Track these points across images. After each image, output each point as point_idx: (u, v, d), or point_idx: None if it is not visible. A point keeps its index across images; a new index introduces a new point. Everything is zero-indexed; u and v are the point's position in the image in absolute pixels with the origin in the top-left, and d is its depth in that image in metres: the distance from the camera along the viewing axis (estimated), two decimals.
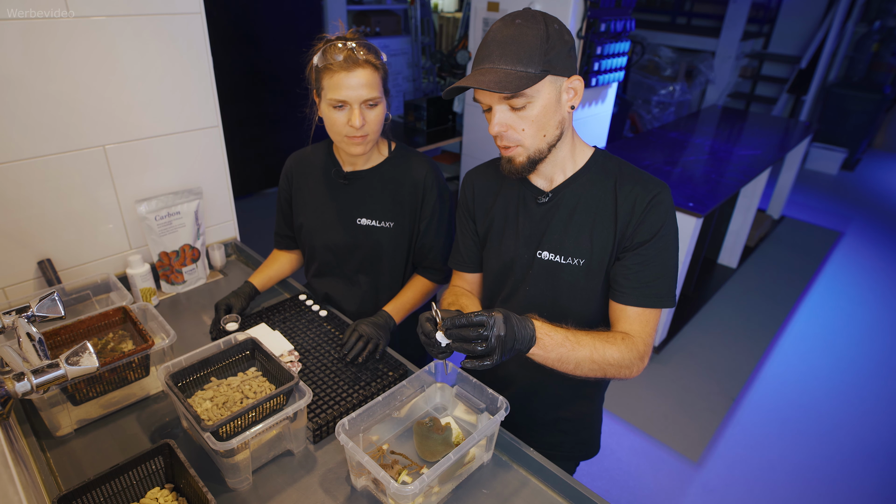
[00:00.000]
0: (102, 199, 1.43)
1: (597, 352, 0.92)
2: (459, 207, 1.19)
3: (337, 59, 1.11)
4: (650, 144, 3.42)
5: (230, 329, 1.25)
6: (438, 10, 5.98)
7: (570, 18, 2.71)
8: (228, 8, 3.76)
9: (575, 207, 1.00)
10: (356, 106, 1.14)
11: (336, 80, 1.12)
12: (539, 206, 1.03)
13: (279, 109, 4.32)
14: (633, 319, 0.98)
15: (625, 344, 0.95)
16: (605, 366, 0.93)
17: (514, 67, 0.86)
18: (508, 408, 0.98)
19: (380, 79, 1.17)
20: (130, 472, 0.86)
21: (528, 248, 1.05)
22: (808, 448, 2.36)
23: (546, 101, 0.90)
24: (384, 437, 1.04)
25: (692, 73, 6.17)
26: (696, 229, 2.49)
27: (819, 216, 4.72)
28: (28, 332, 0.82)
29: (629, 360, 0.95)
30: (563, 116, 0.94)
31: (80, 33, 1.26)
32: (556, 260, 1.02)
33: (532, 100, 0.89)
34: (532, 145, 0.94)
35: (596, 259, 0.99)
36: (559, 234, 1.01)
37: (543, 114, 0.91)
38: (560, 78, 0.90)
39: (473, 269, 1.20)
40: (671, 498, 2.10)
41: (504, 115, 0.91)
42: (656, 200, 0.95)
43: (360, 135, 1.17)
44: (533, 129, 0.92)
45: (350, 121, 1.15)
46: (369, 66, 1.13)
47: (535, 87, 0.88)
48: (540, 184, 1.04)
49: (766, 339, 3.08)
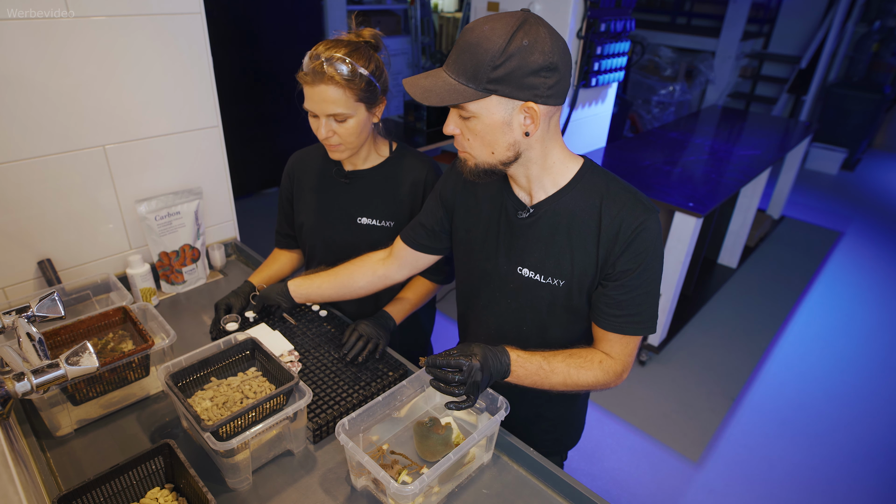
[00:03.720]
0: (102, 199, 1.43)
1: (570, 378, 0.96)
2: (433, 192, 1.15)
3: (308, 70, 1.11)
4: (650, 144, 3.42)
5: (230, 329, 1.25)
6: (438, 10, 5.98)
7: (570, 18, 2.70)
8: (228, 8, 3.76)
9: (557, 226, 0.96)
10: (322, 118, 1.15)
11: (306, 91, 1.14)
12: (521, 220, 1.00)
13: (279, 109, 4.32)
14: (613, 343, 0.99)
15: (601, 367, 0.97)
16: (578, 387, 0.98)
17: (458, 78, 0.82)
18: (508, 408, 0.98)
19: (350, 94, 1.12)
20: (130, 472, 0.86)
21: (510, 262, 1.03)
22: (808, 448, 2.36)
23: (491, 122, 0.84)
24: (384, 437, 1.04)
25: (692, 73, 6.17)
26: (696, 229, 2.49)
27: (819, 216, 4.72)
28: (28, 332, 0.82)
29: (604, 381, 0.98)
30: (515, 139, 0.87)
31: (80, 33, 1.26)
32: (535, 279, 1.00)
33: (476, 115, 0.84)
34: (479, 156, 0.90)
35: (576, 281, 0.97)
36: (540, 254, 0.99)
37: (489, 132, 0.86)
38: (511, 100, 0.83)
39: (419, 249, 1.16)
40: (671, 498, 2.09)
41: (454, 119, 0.89)
42: (642, 228, 0.90)
43: (331, 144, 1.19)
44: (478, 142, 0.88)
45: (319, 129, 1.17)
46: (333, 83, 1.10)
47: (479, 104, 0.83)
48: (521, 196, 1.00)
49: (765, 339, 3.08)
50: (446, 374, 0.88)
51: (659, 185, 2.68)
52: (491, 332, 1.12)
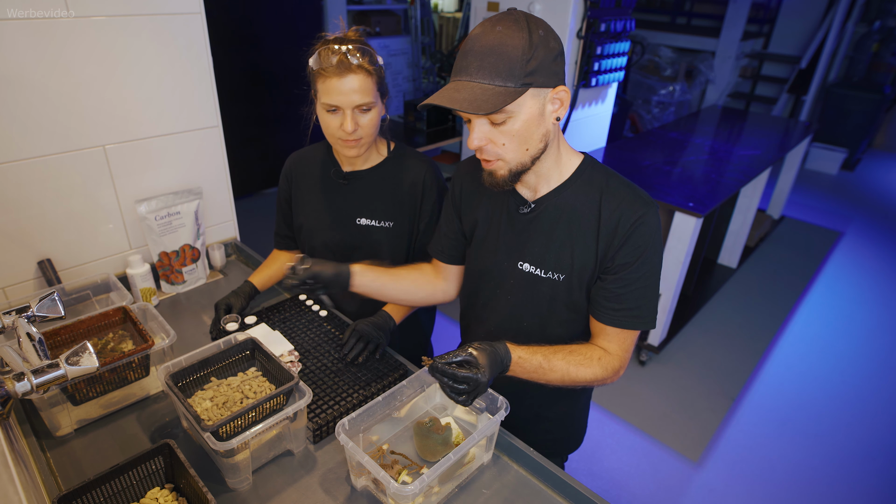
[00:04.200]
0: (102, 199, 1.43)
1: (568, 375, 0.96)
2: (447, 198, 1.17)
3: (330, 64, 1.11)
4: (650, 144, 3.42)
5: (230, 329, 1.25)
6: (438, 10, 5.99)
7: (570, 18, 2.70)
8: (228, 8, 3.76)
9: (557, 220, 0.98)
10: (348, 111, 1.14)
11: (329, 85, 1.12)
12: (522, 215, 1.01)
13: (279, 109, 4.32)
14: (611, 338, 0.99)
15: (600, 364, 0.97)
16: (576, 383, 0.98)
17: (492, 82, 0.81)
18: (508, 408, 0.98)
19: (373, 83, 1.15)
20: (130, 472, 0.86)
21: (510, 257, 1.03)
22: (808, 448, 2.36)
23: (528, 116, 0.85)
24: (384, 437, 1.04)
25: (692, 73, 6.17)
26: (696, 229, 2.49)
27: (819, 216, 4.72)
28: (28, 332, 0.82)
29: (602, 377, 0.98)
30: (547, 129, 0.89)
31: (80, 33, 1.26)
32: (536, 273, 1.01)
33: (513, 115, 0.84)
34: (514, 159, 0.89)
35: (576, 275, 0.98)
36: (540, 248, 0.99)
37: (525, 128, 0.86)
38: (544, 89, 0.85)
39: (451, 261, 1.18)
40: (671, 498, 2.09)
41: (483, 129, 0.87)
42: (640, 222, 0.91)
43: (353, 138, 1.18)
44: (514, 143, 0.87)
45: (342, 125, 1.15)
46: (362, 71, 1.12)
47: (516, 102, 0.83)
48: (524, 192, 1.01)
49: (766, 339, 3.08)
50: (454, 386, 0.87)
51: (659, 185, 2.68)
52: (491, 330, 1.12)
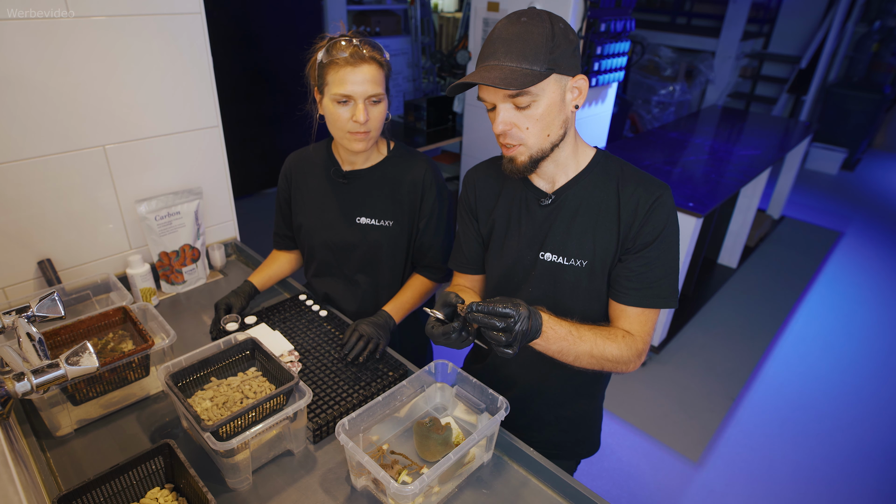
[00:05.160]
0: (102, 199, 1.43)
1: (597, 348, 0.95)
2: (461, 207, 1.19)
3: (343, 55, 1.12)
4: (650, 144, 3.42)
5: (230, 329, 1.25)
6: (438, 10, 5.98)
7: (570, 18, 2.70)
8: (228, 8, 3.76)
9: (577, 209, 1.00)
10: (360, 101, 1.15)
11: (341, 75, 1.13)
12: (542, 207, 1.03)
13: (279, 109, 4.32)
14: (633, 319, 1.00)
15: (625, 342, 0.97)
16: (602, 361, 0.96)
17: (520, 65, 0.86)
18: (508, 408, 0.98)
19: (384, 76, 1.18)
20: (130, 472, 0.86)
21: (531, 249, 1.05)
22: (808, 448, 2.36)
23: (551, 100, 0.90)
24: (384, 437, 1.04)
25: (692, 73, 6.17)
26: (696, 229, 2.49)
27: (819, 216, 4.72)
28: (28, 332, 0.82)
29: (627, 358, 0.97)
30: (566, 116, 0.94)
31: (80, 33, 1.25)
32: (558, 261, 1.02)
33: (537, 98, 0.89)
34: (535, 144, 0.93)
35: (598, 260, 1.00)
36: (562, 236, 1.01)
37: (548, 112, 0.90)
38: (565, 77, 0.90)
39: (475, 270, 1.19)
40: (671, 498, 2.09)
41: (508, 114, 0.91)
42: (659, 202, 0.95)
43: (362, 131, 1.18)
44: (537, 127, 0.91)
45: (354, 116, 1.15)
46: (374, 62, 1.15)
47: (539, 86, 0.88)
48: (542, 185, 1.04)
49: (766, 339, 3.08)
50: (493, 321, 0.81)
51: None
52: None
